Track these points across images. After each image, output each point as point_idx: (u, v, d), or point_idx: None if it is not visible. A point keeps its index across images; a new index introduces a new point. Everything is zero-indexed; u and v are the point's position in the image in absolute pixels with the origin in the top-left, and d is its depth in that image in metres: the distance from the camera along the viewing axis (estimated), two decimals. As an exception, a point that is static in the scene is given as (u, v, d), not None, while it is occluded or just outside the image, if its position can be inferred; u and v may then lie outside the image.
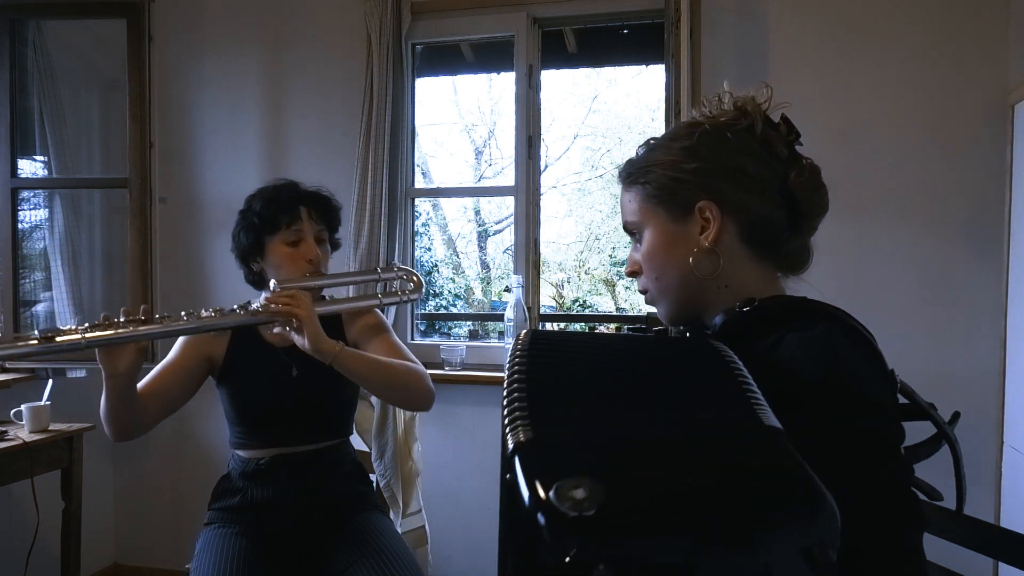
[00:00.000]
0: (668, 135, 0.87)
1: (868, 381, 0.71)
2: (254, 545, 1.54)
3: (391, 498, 2.31)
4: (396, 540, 1.59)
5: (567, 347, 0.65)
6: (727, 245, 0.82)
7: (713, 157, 0.82)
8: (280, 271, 1.57)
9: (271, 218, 1.57)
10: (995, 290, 2.18)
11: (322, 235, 1.64)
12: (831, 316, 0.76)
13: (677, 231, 0.84)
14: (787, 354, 0.70)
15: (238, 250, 1.63)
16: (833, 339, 0.71)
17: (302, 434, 1.61)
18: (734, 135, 0.82)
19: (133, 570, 2.96)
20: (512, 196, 2.64)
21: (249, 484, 1.59)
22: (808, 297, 0.81)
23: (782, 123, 0.85)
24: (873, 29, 2.29)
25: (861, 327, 0.76)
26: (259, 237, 1.58)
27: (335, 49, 2.71)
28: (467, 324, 4.16)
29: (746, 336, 0.76)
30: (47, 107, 2.67)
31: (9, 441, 2.18)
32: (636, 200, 0.87)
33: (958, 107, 2.23)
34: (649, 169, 0.85)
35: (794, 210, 0.83)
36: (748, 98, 0.84)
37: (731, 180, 0.81)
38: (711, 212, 0.81)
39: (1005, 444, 2.11)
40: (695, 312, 0.87)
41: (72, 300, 2.69)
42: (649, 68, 2.89)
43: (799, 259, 0.87)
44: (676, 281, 0.85)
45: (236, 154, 2.83)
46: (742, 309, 0.79)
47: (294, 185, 1.65)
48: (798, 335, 0.72)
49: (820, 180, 0.85)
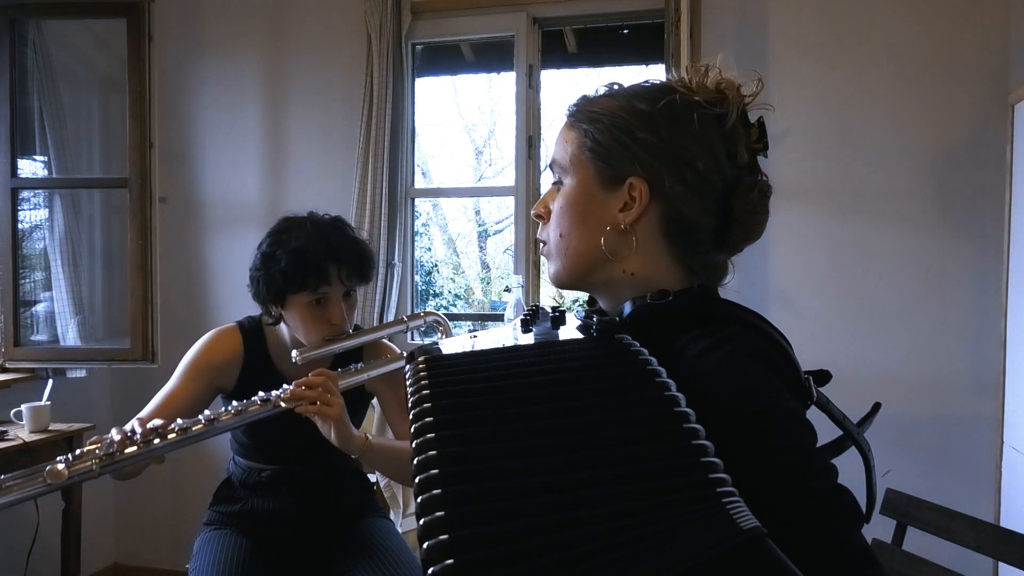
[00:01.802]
0: (633, 89, 0.77)
1: (777, 392, 0.65)
2: (254, 545, 1.53)
3: (391, 498, 2.31)
4: (397, 541, 1.59)
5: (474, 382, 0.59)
6: (644, 232, 0.75)
7: (667, 136, 0.73)
8: (300, 329, 1.46)
9: (296, 279, 1.41)
10: (995, 290, 2.18)
11: (352, 290, 1.50)
12: (742, 322, 0.70)
13: (600, 196, 0.76)
14: (697, 367, 0.65)
15: (257, 296, 1.48)
16: (737, 356, 0.65)
17: (307, 456, 1.56)
18: (700, 120, 0.73)
19: (133, 570, 2.96)
20: (512, 196, 2.64)
21: (250, 495, 1.57)
22: (723, 298, 0.76)
23: (755, 126, 0.77)
24: (873, 29, 2.29)
25: (774, 332, 0.70)
26: (281, 293, 1.44)
27: (335, 49, 2.71)
28: (467, 324, 4.16)
29: (656, 333, 0.69)
30: (47, 107, 2.66)
31: (9, 441, 2.18)
32: (572, 144, 0.78)
33: (958, 107, 2.23)
34: (599, 118, 0.76)
35: (725, 225, 0.76)
36: (732, 84, 0.76)
37: (675, 168, 0.73)
38: (640, 192, 0.73)
39: (1005, 444, 2.11)
40: (586, 284, 0.80)
41: (72, 300, 2.69)
42: (649, 68, 2.88)
43: (716, 273, 0.80)
44: (579, 247, 0.77)
45: (236, 154, 2.83)
46: (654, 302, 0.73)
47: (326, 235, 1.44)
48: (707, 342, 0.66)
49: (766, 204, 0.77)
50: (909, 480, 2.16)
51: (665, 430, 0.52)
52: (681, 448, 0.51)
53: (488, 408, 0.56)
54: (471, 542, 0.44)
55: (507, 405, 0.56)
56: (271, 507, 1.56)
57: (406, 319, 1.56)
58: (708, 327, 0.68)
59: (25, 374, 2.59)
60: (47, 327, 2.76)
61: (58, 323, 2.71)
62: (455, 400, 0.57)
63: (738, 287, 0.91)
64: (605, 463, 0.50)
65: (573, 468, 0.50)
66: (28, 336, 2.69)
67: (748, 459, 0.54)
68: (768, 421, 0.62)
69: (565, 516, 0.46)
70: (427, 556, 0.44)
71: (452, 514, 0.46)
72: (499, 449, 0.52)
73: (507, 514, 0.47)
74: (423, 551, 0.45)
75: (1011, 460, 2.08)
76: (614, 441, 0.52)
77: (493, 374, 0.61)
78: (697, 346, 0.66)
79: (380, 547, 1.54)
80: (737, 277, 0.86)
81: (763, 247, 2.35)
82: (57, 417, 2.39)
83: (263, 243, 1.48)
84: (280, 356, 1.55)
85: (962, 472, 2.21)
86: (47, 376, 2.56)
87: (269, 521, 1.56)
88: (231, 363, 1.52)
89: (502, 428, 0.54)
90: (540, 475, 0.49)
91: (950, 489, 2.19)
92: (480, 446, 0.53)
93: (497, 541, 0.45)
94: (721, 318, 0.70)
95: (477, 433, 0.53)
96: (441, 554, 0.44)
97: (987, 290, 2.19)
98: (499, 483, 0.49)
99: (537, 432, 0.53)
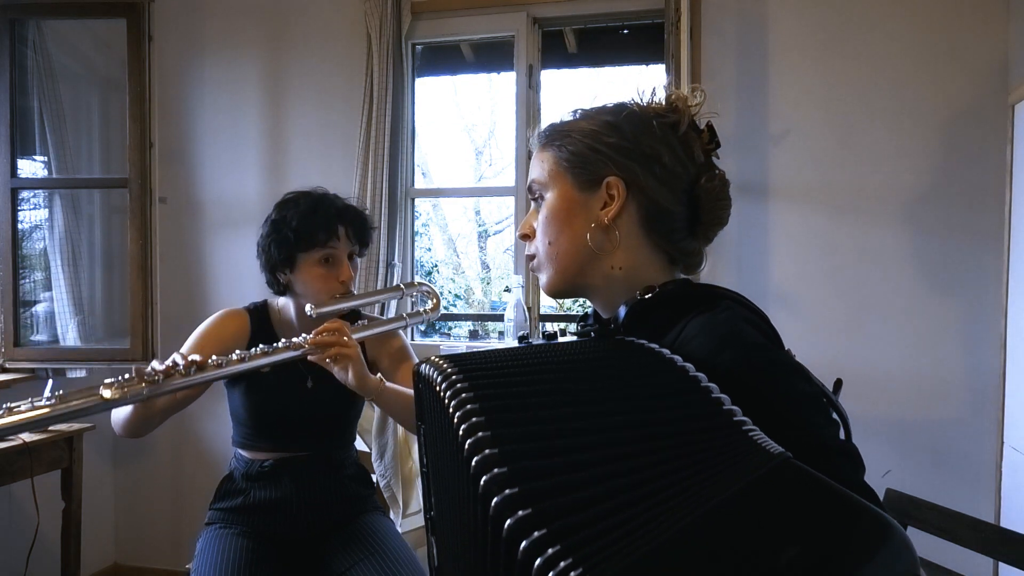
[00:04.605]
0: (595, 108, 0.87)
1: (778, 349, 0.72)
2: (255, 545, 1.53)
3: (391, 498, 2.31)
4: (397, 540, 1.59)
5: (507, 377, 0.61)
6: (625, 226, 0.83)
7: (634, 138, 0.82)
8: (309, 287, 1.54)
9: (308, 235, 1.51)
10: (995, 290, 2.18)
11: (355, 253, 1.61)
12: (728, 297, 0.77)
13: (580, 200, 0.84)
14: (694, 341, 0.70)
15: (267, 262, 1.56)
16: (734, 318, 0.72)
17: (309, 442, 1.60)
18: (659, 127, 0.82)
19: (133, 570, 2.96)
20: (512, 196, 2.64)
21: (252, 485, 1.59)
22: (706, 283, 0.82)
23: (706, 130, 0.85)
24: (873, 29, 2.29)
25: (758, 310, 0.77)
26: (292, 253, 1.52)
27: (335, 49, 2.71)
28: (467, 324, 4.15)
29: (651, 327, 0.76)
30: (47, 107, 2.66)
31: (9, 441, 2.17)
32: (548, 161, 0.86)
33: (958, 107, 2.23)
34: (568, 134, 0.85)
35: (695, 214, 0.84)
36: (681, 97, 0.84)
37: (645, 164, 0.81)
38: (618, 189, 0.82)
39: (1005, 444, 2.11)
40: (579, 288, 0.86)
41: (72, 300, 2.69)
42: (649, 68, 2.88)
43: (692, 261, 0.88)
44: (568, 249, 0.84)
45: (236, 154, 2.83)
46: (643, 297, 0.79)
47: (331, 199, 1.58)
48: (700, 319, 0.72)
49: (727, 192, 0.85)
50: (909, 480, 2.16)
51: (685, 391, 0.58)
52: (703, 402, 0.57)
53: (521, 388, 0.59)
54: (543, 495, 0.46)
55: (537, 384, 0.60)
56: (273, 497, 1.57)
57: (403, 286, 1.72)
58: (702, 306, 0.75)
59: (25, 374, 2.59)
60: (47, 327, 2.76)
61: (58, 323, 2.71)
62: (493, 389, 0.58)
63: (738, 287, 0.92)
64: (642, 425, 0.54)
65: (615, 429, 0.54)
66: (28, 336, 2.69)
67: (757, 412, 0.58)
68: (772, 374, 0.67)
69: (625, 465, 0.49)
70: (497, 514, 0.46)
71: (514, 470, 0.48)
72: (543, 420, 0.55)
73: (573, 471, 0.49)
74: (493, 508, 0.46)
75: (1011, 460, 2.08)
76: (641, 408, 0.56)
77: (514, 363, 0.65)
78: (695, 323, 0.72)
79: (380, 546, 1.54)
80: (737, 277, 0.89)
81: (763, 247, 2.35)
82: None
83: (270, 216, 1.57)
84: (285, 333, 1.59)
85: (962, 472, 2.21)
86: (47, 376, 2.56)
87: (271, 512, 1.57)
88: (238, 339, 1.59)
89: (537, 407, 0.56)
90: (585, 438, 0.52)
91: (950, 489, 2.19)
92: (530, 425, 0.55)
93: (570, 490, 0.47)
94: (709, 297, 0.77)
95: (524, 417, 0.55)
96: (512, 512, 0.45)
97: (987, 290, 2.19)
98: (558, 446, 0.52)
99: (569, 403, 0.57)
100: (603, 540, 0.43)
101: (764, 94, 2.36)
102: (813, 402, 0.67)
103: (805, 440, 0.60)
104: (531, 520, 0.44)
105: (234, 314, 1.63)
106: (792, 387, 0.67)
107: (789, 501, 0.46)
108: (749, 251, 2.35)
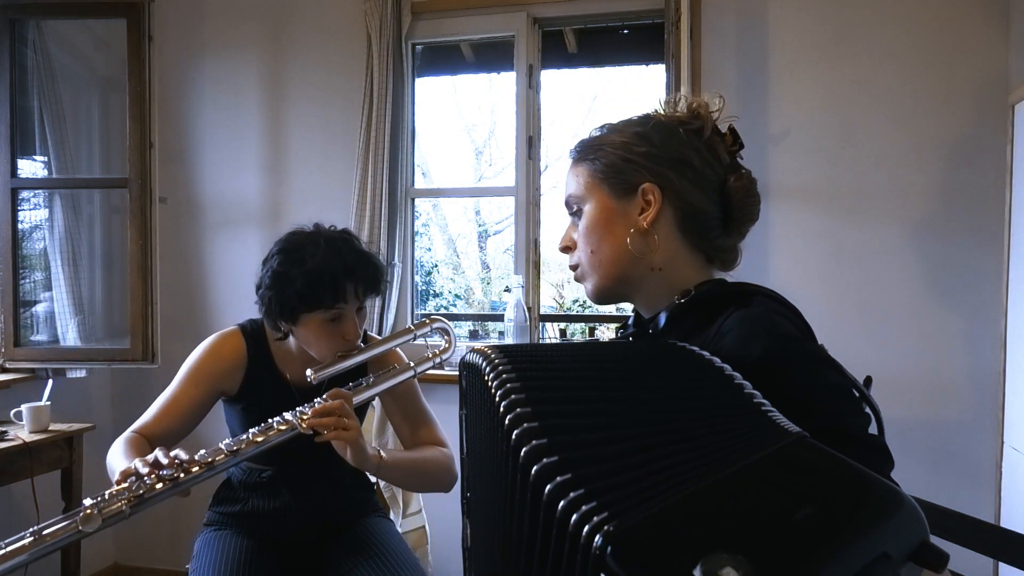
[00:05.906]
0: (623, 121, 0.91)
1: (812, 342, 0.76)
2: (255, 546, 1.53)
3: (391, 498, 2.31)
4: (398, 541, 1.59)
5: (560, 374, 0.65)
6: (663, 229, 0.86)
7: (663, 145, 0.86)
8: (312, 345, 1.45)
9: (313, 299, 1.38)
10: (995, 290, 2.18)
11: (364, 303, 1.48)
12: (764, 294, 0.81)
13: (618, 208, 0.87)
14: (730, 335, 0.74)
15: (267, 313, 1.44)
16: (769, 312, 0.76)
17: (307, 456, 1.53)
18: (685, 132, 0.87)
19: (133, 570, 2.96)
20: (512, 196, 2.64)
21: (250, 495, 1.57)
22: (739, 282, 0.86)
23: (728, 133, 0.89)
24: (873, 29, 2.29)
25: (791, 305, 0.82)
26: (295, 312, 1.41)
27: (335, 49, 2.71)
28: (467, 324, 4.16)
29: (690, 328, 0.81)
30: (47, 107, 2.66)
31: (9, 441, 2.18)
32: (583, 175, 0.90)
33: (958, 107, 2.23)
34: (600, 147, 0.89)
35: (727, 212, 0.88)
36: (703, 104, 0.89)
37: (676, 169, 0.85)
38: (653, 195, 0.85)
39: (1005, 444, 2.11)
40: (623, 291, 0.90)
41: (72, 300, 2.69)
42: (649, 68, 2.89)
43: (728, 257, 0.92)
44: (610, 256, 0.88)
45: (236, 154, 2.83)
46: (681, 301, 0.84)
47: (341, 253, 1.41)
48: (737, 315, 0.76)
49: (755, 189, 0.89)
50: (909, 480, 2.15)
51: (712, 378, 0.63)
52: (728, 388, 0.61)
53: (559, 371, 0.64)
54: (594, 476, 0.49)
55: (573, 370, 0.65)
56: (271, 507, 1.56)
57: (413, 327, 1.55)
58: (737, 303, 0.79)
59: (25, 374, 2.59)
60: (47, 327, 2.76)
61: (58, 323, 2.71)
62: (533, 371, 0.63)
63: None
64: (668, 409, 0.59)
65: (643, 407, 0.59)
66: (28, 336, 2.69)
67: (787, 399, 0.61)
68: (804, 364, 0.71)
69: (652, 441, 0.54)
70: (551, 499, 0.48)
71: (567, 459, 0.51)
72: (578, 400, 0.60)
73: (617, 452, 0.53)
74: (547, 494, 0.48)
75: (1011, 460, 2.08)
76: (668, 395, 0.61)
77: (553, 351, 0.70)
78: (733, 319, 0.76)
79: (380, 547, 1.54)
80: (737, 277, 0.90)
81: (763, 247, 2.35)
82: (57, 417, 2.39)
83: (272, 260, 1.43)
84: (283, 359, 1.54)
85: (962, 472, 2.21)
86: (47, 376, 2.56)
87: (269, 521, 1.56)
88: (234, 367, 1.51)
89: (573, 388, 0.62)
90: (615, 418, 0.57)
91: (950, 489, 2.19)
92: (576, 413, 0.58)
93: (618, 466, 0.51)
94: (744, 294, 0.81)
95: (561, 396, 0.60)
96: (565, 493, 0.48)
97: (987, 290, 2.19)
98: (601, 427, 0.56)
99: (603, 387, 0.62)
100: (632, 497, 0.47)
101: (764, 94, 2.36)
102: (843, 393, 0.71)
103: (833, 427, 0.64)
104: (568, 484, 0.47)
105: (228, 337, 1.53)
106: (823, 377, 0.70)
107: (807, 469, 0.51)
108: (748, 251, 2.32)
